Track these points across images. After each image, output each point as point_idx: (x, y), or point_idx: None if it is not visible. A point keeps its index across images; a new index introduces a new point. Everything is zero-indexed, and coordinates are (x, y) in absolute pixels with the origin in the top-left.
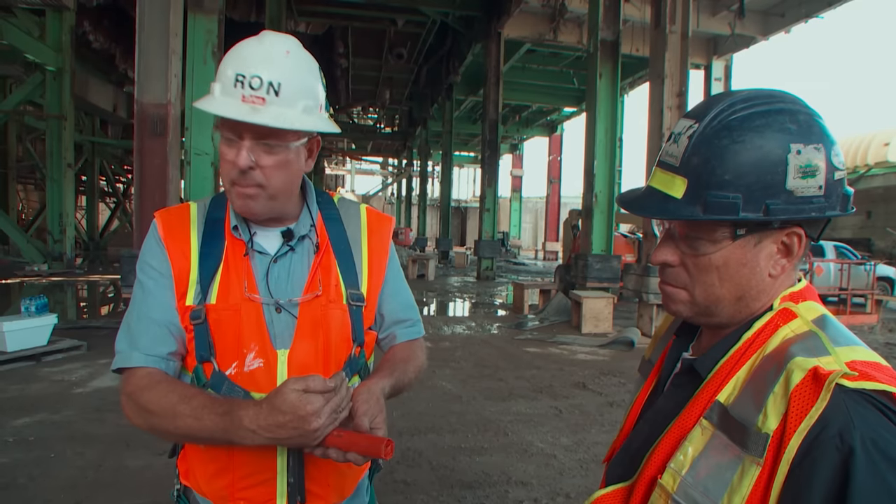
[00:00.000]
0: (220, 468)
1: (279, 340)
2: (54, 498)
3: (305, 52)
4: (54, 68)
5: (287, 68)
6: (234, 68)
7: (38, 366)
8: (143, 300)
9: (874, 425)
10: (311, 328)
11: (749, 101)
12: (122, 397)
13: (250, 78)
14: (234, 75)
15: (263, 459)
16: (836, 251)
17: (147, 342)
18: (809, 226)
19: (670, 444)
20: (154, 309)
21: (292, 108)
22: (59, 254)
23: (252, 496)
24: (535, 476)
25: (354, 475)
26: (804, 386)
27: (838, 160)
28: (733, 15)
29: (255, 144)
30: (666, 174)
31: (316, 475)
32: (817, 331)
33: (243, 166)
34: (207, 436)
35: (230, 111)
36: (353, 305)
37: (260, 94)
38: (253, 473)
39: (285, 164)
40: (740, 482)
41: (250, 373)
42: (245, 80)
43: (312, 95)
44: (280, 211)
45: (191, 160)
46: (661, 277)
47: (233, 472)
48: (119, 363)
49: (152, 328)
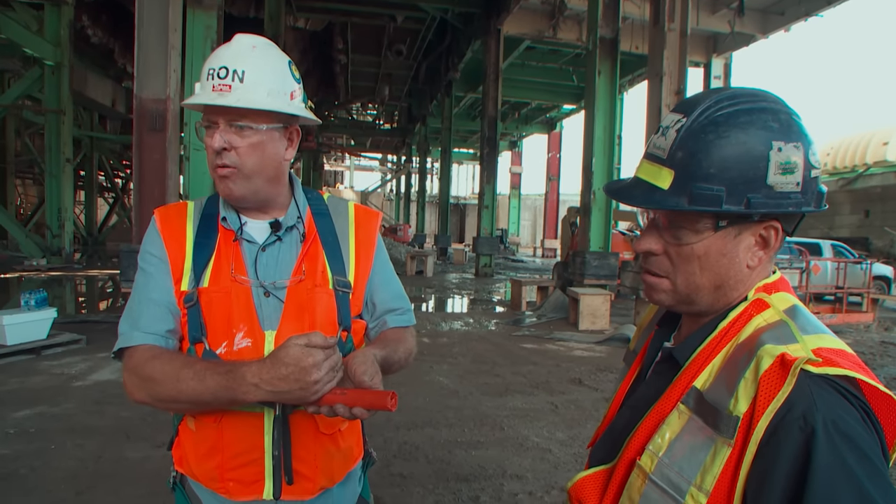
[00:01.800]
0: (210, 448)
1: (267, 322)
2: (55, 488)
3: (274, 48)
4: (53, 63)
5: (251, 59)
6: (208, 65)
7: (37, 359)
8: (144, 284)
9: (835, 408)
10: (297, 311)
11: (734, 99)
12: (125, 374)
13: (218, 69)
14: (207, 70)
15: (252, 438)
16: (833, 250)
17: (147, 321)
18: (786, 220)
19: (649, 428)
20: (154, 290)
21: (255, 92)
22: (57, 249)
23: (241, 476)
24: (531, 469)
25: (345, 461)
26: (772, 371)
27: (815, 159)
28: (733, 13)
29: (227, 128)
30: (653, 165)
31: (304, 456)
32: (787, 320)
33: (217, 147)
34: (210, 396)
35: (201, 98)
36: (339, 291)
37: (226, 83)
38: (241, 453)
39: (258, 146)
40: (712, 462)
41: (238, 351)
42: (214, 73)
43: (278, 82)
44: (262, 196)
45: (189, 155)
46: (644, 266)
47: (222, 452)
48: (121, 343)
49: (152, 308)
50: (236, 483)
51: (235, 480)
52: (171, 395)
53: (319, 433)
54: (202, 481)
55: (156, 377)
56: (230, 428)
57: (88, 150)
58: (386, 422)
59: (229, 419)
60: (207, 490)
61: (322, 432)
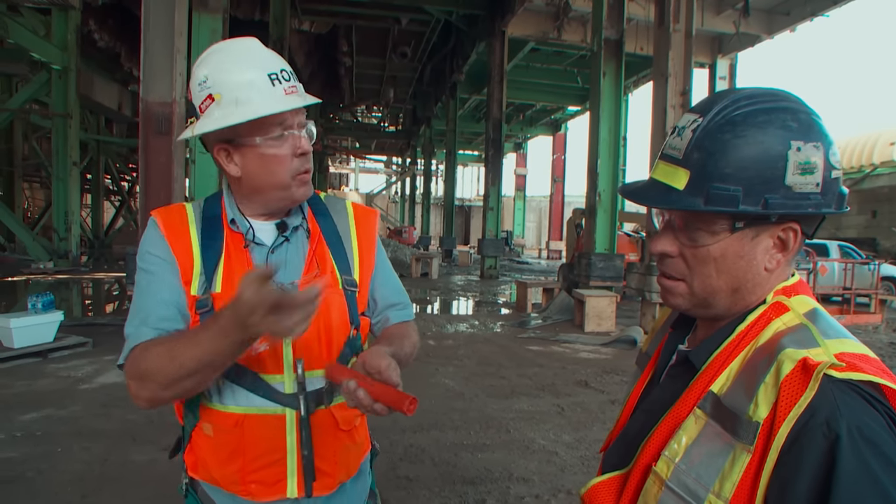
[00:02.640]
0: (231, 452)
1: None
2: (61, 491)
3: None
4: (60, 67)
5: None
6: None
7: (44, 362)
8: (148, 285)
9: (860, 413)
10: None
11: (752, 98)
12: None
13: (280, 73)
14: (268, 76)
15: (274, 439)
16: (840, 251)
17: (155, 319)
18: (805, 222)
19: (665, 433)
20: (162, 290)
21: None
22: (64, 252)
23: (263, 478)
24: (537, 472)
25: (358, 453)
26: (794, 376)
27: (835, 159)
28: (738, 13)
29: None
30: (669, 166)
31: (325, 453)
32: (808, 324)
33: (307, 148)
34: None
35: (290, 103)
36: (348, 290)
37: (292, 84)
38: (263, 454)
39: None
40: (731, 468)
41: (258, 356)
42: (277, 77)
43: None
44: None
45: (196, 158)
46: (659, 269)
47: (243, 455)
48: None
49: (160, 308)
50: (259, 485)
51: (258, 482)
52: (174, 375)
53: (339, 430)
54: (223, 485)
55: (151, 367)
56: (251, 430)
57: (95, 154)
58: (392, 424)
59: (251, 422)
60: (228, 493)
61: (341, 429)
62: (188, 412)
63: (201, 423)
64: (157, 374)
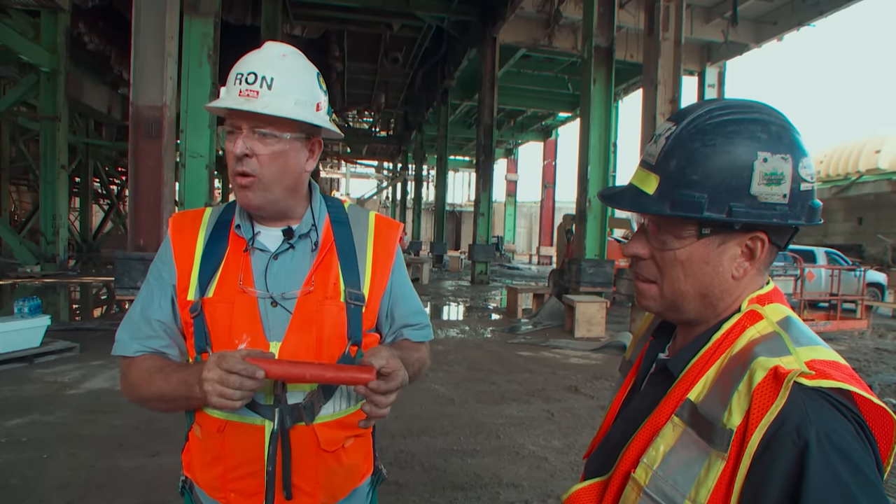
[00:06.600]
0: (214, 457)
1: (273, 333)
2: (47, 498)
3: (304, 59)
4: (48, 69)
5: (281, 67)
6: (235, 70)
7: (30, 367)
8: (147, 300)
9: (829, 421)
10: (305, 322)
11: (726, 109)
12: (120, 378)
13: (246, 75)
14: (235, 75)
15: (252, 450)
16: (827, 257)
17: (143, 337)
18: (774, 232)
19: (644, 441)
20: (154, 311)
21: (283, 100)
22: (51, 255)
23: (241, 488)
24: (527, 478)
25: (349, 479)
26: (765, 384)
27: (806, 172)
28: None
29: (250, 134)
30: (643, 171)
31: (305, 472)
32: (781, 332)
33: (239, 153)
34: (172, 393)
35: (227, 102)
36: (351, 304)
37: (254, 88)
38: (242, 464)
39: (280, 154)
40: (706, 475)
41: None
42: (242, 77)
43: (306, 92)
44: (281, 207)
45: (185, 162)
46: (634, 271)
47: (224, 462)
48: (117, 350)
49: (148, 327)
50: (237, 494)
51: (237, 492)
52: (146, 395)
53: (321, 450)
54: (206, 490)
55: (135, 381)
56: (232, 438)
57: (84, 157)
58: (381, 430)
59: (231, 429)
60: (211, 499)
61: (324, 449)
62: (186, 412)
63: (194, 424)
64: (137, 389)
